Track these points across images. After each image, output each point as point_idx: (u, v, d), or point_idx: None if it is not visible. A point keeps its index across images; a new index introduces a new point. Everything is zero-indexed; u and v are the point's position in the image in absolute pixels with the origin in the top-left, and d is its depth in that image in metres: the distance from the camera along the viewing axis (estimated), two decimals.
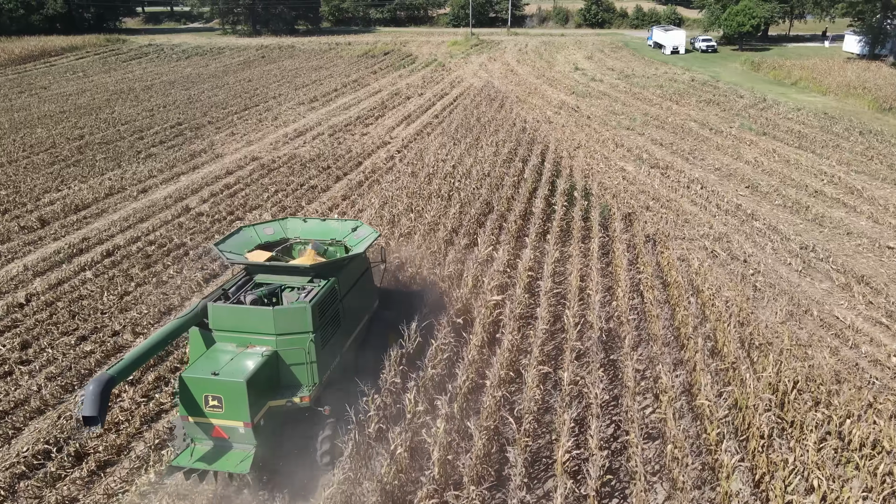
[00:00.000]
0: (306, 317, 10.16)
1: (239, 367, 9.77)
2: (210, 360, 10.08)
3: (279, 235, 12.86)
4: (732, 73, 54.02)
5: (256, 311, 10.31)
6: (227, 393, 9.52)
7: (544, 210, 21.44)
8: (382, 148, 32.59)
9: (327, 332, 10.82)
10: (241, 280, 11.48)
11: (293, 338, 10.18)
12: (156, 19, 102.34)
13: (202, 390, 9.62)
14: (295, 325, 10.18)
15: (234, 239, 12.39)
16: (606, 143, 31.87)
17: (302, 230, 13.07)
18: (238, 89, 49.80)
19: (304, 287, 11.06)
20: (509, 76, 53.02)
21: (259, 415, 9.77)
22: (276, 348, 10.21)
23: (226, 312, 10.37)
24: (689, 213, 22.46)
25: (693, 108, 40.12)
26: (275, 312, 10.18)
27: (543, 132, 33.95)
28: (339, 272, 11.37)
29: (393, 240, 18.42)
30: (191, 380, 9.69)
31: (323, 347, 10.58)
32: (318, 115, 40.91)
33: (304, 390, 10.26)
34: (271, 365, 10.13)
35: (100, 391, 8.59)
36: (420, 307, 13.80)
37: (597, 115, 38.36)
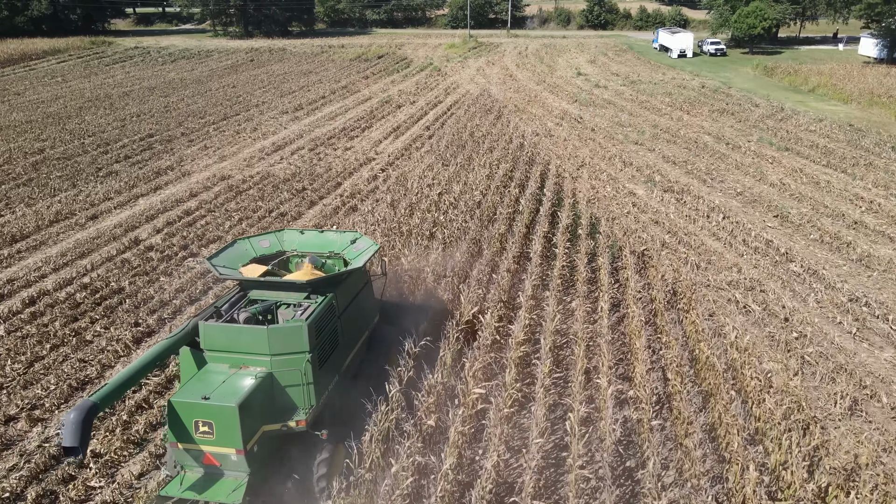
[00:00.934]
0: (302, 336, 9.59)
1: (231, 391, 9.13)
2: (201, 382, 9.46)
3: (275, 248, 12.25)
4: (744, 78, 50.62)
5: (250, 331, 9.68)
6: (219, 418, 8.91)
7: (543, 251, 18.10)
8: (366, 166, 29.30)
9: (325, 351, 10.23)
10: (235, 296, 10.77)
11: (288, 358, 9.61)
12: (147, 20, 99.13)
13: (192, 415, 9.01)
14: (290, 345, 9.60)
15: (227, 252, 11.67)
16: (613, 160, 28.56)
17: (299, 242, 12.45)
18: (220, 96, 46.56)
19: (301, 303, 10.48)
20: (508, 82, 49.69)
21: (252, 441, 9.17)
22: (271, 369, 9.62)
23: (218, 331, 9.80)
24: (712, 251, 19.14)
25: (706, 119, 36.78)
26: (269, 332, 9.55)
27: (544, 148, 30.64)
28: (337, 287, 10.76)
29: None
30: (180, 404, 9.06)
31: (320, 367, 10.00)
32: (301, 125, 37.65)
33: (300, 413, 9.65)
34: (265, 387, 9.51)
35: (81, 420, 8.02)
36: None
37: (602, 126, 35.03)
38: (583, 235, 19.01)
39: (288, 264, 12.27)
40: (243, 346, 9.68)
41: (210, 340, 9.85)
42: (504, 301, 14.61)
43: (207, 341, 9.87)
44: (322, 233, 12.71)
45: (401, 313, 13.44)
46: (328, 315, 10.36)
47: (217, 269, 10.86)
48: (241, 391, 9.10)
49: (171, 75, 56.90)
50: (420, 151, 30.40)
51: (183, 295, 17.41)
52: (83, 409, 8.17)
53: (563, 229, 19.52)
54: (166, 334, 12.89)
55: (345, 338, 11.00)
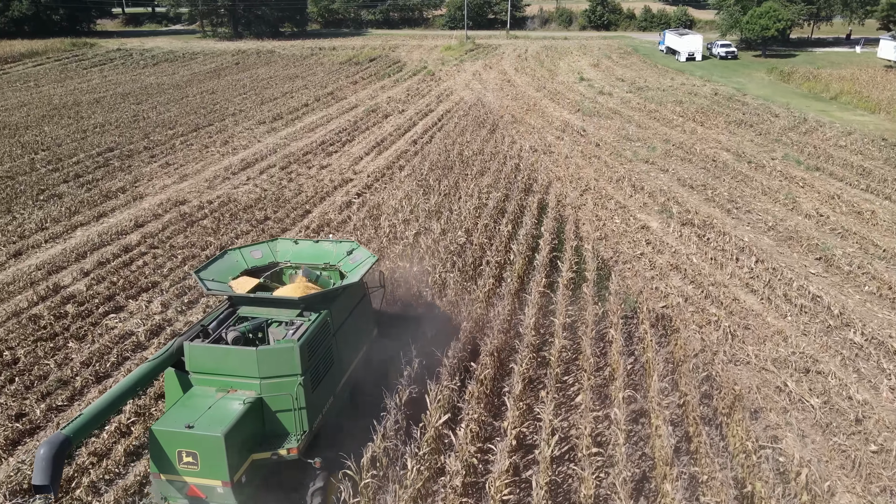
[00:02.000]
0: (294, 358, 8.88)
1: (217, 418, 8.36)
2: (185, 408, 8.74)
3: (268, 259, 11.64)
4: (759, 84, 46.83)
5: (238, 352, 9.00)
6: (203, 448, 8.15)
7: (537, 323, 14.31)
8: (341, 189, 25.62)
9: (318, 373, 9.53)
10: (223, 313, 10.08)
11: (279, 381, 8.91)
12: (136, 21, 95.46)
13: (175, 445, 8.28)
14: (281, 367, 8.89)
15: (217, 264, 11.00)
16: (621, 183, 24.86)
17: (293, 253, 11.77)
18: (196, 104, 42.92)
19: (293, 321, 9.77)
20: (505, 88, 45.96)
21: (240, 471, 8.42)
22: (261, 393, 8.91)
23: (204, 353, 9.12)
24: (747, 310, 15.46)
25: (722, 132, 33.04)
26: (258, 353, 8.86)
27: (543, 168, 26.93)
28: (332, 303, 10.08)
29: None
30: (162, 433, 8.33)
31: (313, 391, 9.31)
32: (277, 138, 34.00)
33: (291, 440, 8.94)
34: (255, 413, 8.79)
35: (52, 455, 7.28)
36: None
37: (607, 141, 31.32)
38: (589, 296, 15.17)
39: (281, 276, 11.49)
40: (231, 369, 8.99)
41: (196, 362, 9.15)
42: (484, 404, 10.91)
43: (193, 363, 9.17)
44: (317, 243, 11.98)
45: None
46: (322, 334, 9.65)
47: (204, 284, 10.10)
48: (227, 418, 8.39)
49: (149, 80, 53.28)
50: (402, 172, 26.70)
51: (88, 371, 13.79)
52: (54, 443, 7.46)
53: (565, 284, 15.71)
54: (53, 430, 11.20)
55: (340, 357, 10.27)
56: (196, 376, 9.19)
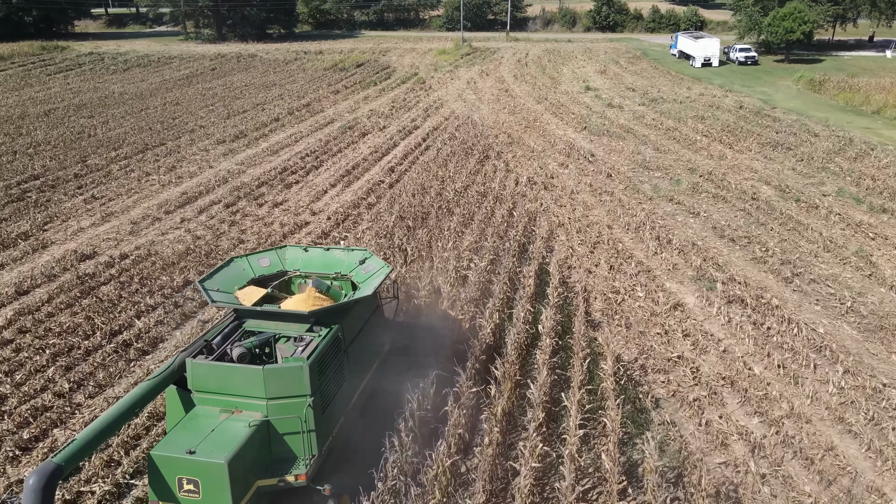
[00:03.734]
0: (302, 377, 8.17)
1: (220, 443, 7.76)
2: (187, 430, 8.07)
3: (276, 268, 10.70)
4: (787, 94, 41.27)
5: (243, 371, 8.27)
6: (205, 476, 7.58)
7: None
8: (292, 237, 20.26)
9: (329, 392, 8.72)
10: (228, 327, 9.24)
11: (287, 403, 8.19)
12: (120, 22, 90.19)
13: (175, 472, 7.71)
14: (289, 388, 8.18)
15: (222, 273, 10.13)
16: (642, 232, 19.46)
17: (302, 261, 10.86)
18: (154, 117, 37.64)
19: (302, 337, 8.90)
20: (502, 99, 40.52)
21: (244, 500, 7.83)
22: (267, 415, 8.19)
23: (207, 370, 8.37)
24: (848, 467, 10.10)
25: (756, 157, 27.59)
26: (265, 373, 8.14)
27: (543, 208, 21.59)
28: (343, 317, 9.22)
29: None
30: (162, 459, 7.75)
31: (323, 412, 8.49)
32: (234, 162, 28.71)
33: (299, 465, 8.22)
34: (261, 436, 8.10)
35: (42, 486, 6.68)
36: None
37: (620, 169, 25.91)
38: (612, 470, 9.64)
39: (290, 286, 10.68)
40: (236, 388, 8.26)
41: (198, 380, 8.40)
42: None
43: (196, 381, 8.41)
44: (328, 251, 11.14)
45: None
46: (333, 350, 8.86)
47: (209, 295, 9.30)
48: (231, 443, 7.70)
49: (113, 87, 48.02)
50: (371, 212, 21.37)
51: None
52: (44, 473, 6.77)
53: (572, 455, 10.12)
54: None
55: (352, 374, 9.44)
56: (198, 395, 8.52)
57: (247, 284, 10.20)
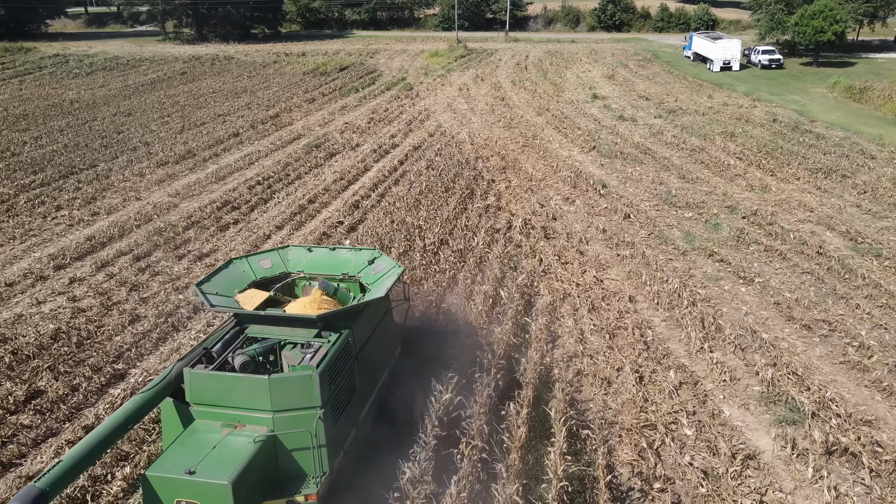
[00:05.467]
0: (312, 388, 7.36)
1: (223, 461, 6.93)
2: (185, 447, 7.24)
3: (278, 269, 9.96)
4: (824, 104, 35.68)
5: (247, 381, 7.44)
6: (207, 498, 6.74)
7: None
8: (196, 320, 14.86)
9: (339, 403, 7.92)
10: (229, 333, 8.41)
11: (295, 415, 7.38)
12: (100, 21, 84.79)
13: (173, 494, 6.87)
14: (297, 399, 7.37)
15: (221, 275, 9.37)
16: (677, 309, 13.92)
17: (307, 262, 10.11)
18: (97, 131, 32.29)
19: (310, 343, 8.10)
20: (497, 109, 35.02)
21: None
22: (274, 430, 7.37)
23: (207, 381, 7.56)
24: None
25: (806, 186, 22.10)
26: (271, 383, 7.34)
27: (543, 263, 16.16)
28: (354, 321, 8.47)
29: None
30: (158, 480, 6.89)
31: (334, 424, 7.72)
32: (168, 192, 23.34)
33: (309, 484, 7.35)
34: (267, 453, 7.26)
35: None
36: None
37: (641, 206, 20.44)
38: None
39: (293, 288, 9.94)
40: (239, 400, 7.45)
41: (198, 392, 7.58)
42: None
43: (194, 393, 7.59)
44: (334, 250, 10.33)
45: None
46: (343, 357, 8.12)
47: (208, 299, 8.44)
48: (235, 462, 6.91)
49: (68, 94, 42.67)
50: None
51: None
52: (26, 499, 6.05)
53: None
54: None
55: (363, 381, 8.70)
56: (198, 408, 7.62)
57: (247, 287, 9.45)
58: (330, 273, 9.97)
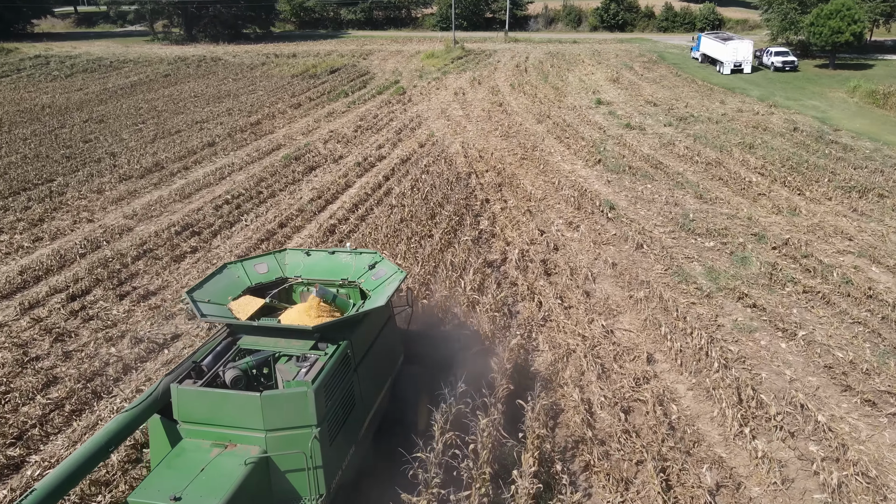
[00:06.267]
0: (307, 405, 6.82)
1: (211, 485, 6.33)
2: (172, 469, 6.62)
3: (275, 274, 9.33)
4: (845, 110, 33.02)
5: (237, 398, 6.89)
6: None
7: None
8: (134, 374, 12.27)
9: (337, 420, 7.34)
10: (221, 345, 7.82)
11: (290, 435, 6.83)
12: (89, 21, 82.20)
13: None
14: (292, 417, 6.83)
15: (214, 282, 8.64)
16: (706, 373, 11.33)
17: (304, 267, 9.50)
18: (64, 140, 29.79)
19: (306, 355, 7.55)
20: (495, 116, 32.41)
21: None
22: (267, 450, 6.84)
23: (195, 398, 6.98)
24: None
25: (841, 208, 19.45)
26: (263, 400, 6.77)
27: (543, 308, 13.57)
28: (353, 331, 7.91)
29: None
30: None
31: (331, 443, 7.14)
32: (125, 212, 20.78)
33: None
34: (259, 475, 6.69)
35: None
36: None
37: (655, 233, 17.83)
38: None
39: (291, 294, 9.35)
40: (230, 419, 6.88)
41: (185, 409, 7.00)
42: None
43: (182, 410, 7.01)
44: (333, 254, 9.63)
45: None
46: (341, 371, 7.54)
47: (198, 308, 7.80)
48: (225, 486, 6.31)
49: (42, 98, 40.15)
50: None
51: None
52: None
53: None
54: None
55: (363, 395, 8.11)
56: (186, 427, 7.05)
57: (242, 294, 8.75)
58: (329, 278, 9.34)
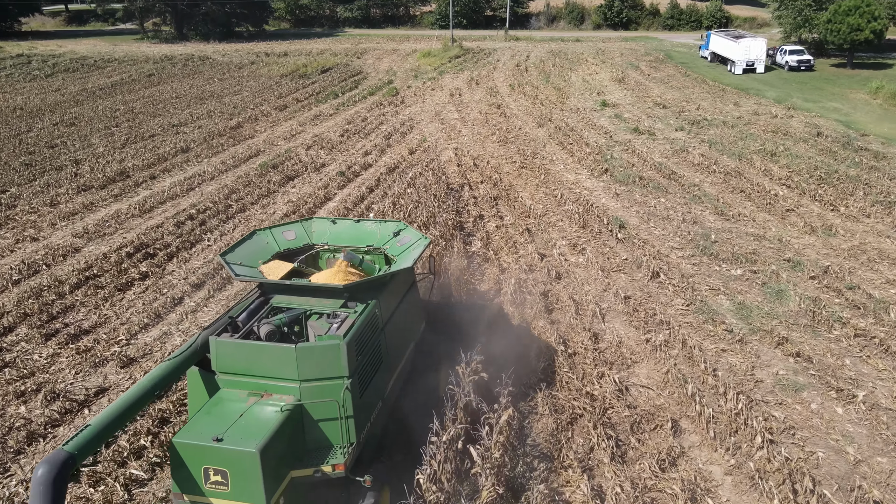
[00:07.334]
0: (339, 357, 6.96)
1: (250, 429, 6.52)
2: (212, 416, 6.81)
3: (302, 241, 9.56)
4: (869, 113, 30.59)
5: (274, 350, 7.05)
6: (235, 466, 6.36)
7: None
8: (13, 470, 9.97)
9: (366, 374, 7.52)
10: (254, 303, 8.02)
11: (323, 385, 6.98)
12: (80, 19, 79.94)
13: (201, 461, 6.47)
14: (324, 369, 6.99)
15: (244, 246, 8.91)
16: (747, 455, 9.02)
17: (331, 234, 9.73)
18: (28, 144, 27.56)
19: (336, 313, 7.78)
20: (492, 119, 30.03)
21: (278, 493, 6.53)
22: (301, 399, 6.94)
23: (233, 350, 7.16)
24: None
25: (884, 230, 17.00)
26: (298, 351, 6.92)
27: (546, 356, 11.25)
28: (381, 292, 8.09)
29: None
30: (185, 447, 6.49)
31: (361, 395, 7.30)
32: (76, 229, 18.48)
33: (336, 455, 6.96)
34: (294, 422, 6.85)
35: (52, 478, 5.38)
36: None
37: (671, 258, 15.45)
38: None
39: (317, 260, 9.53)
40: (266, 369, 7.08)
41: (223, 361, 7.21)
42: None
43: (220, 362, 7.22)
44: (358, 223, 9.91)
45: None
46: (370, 328, 7.72)
47: (232, 269, 8.02)
48: (262, 430, 6.48)
49: (16, 100, 37.94)
50: None
51: None
52: (55, 463, 5.49)
53: None
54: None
55: (389, 354, 8.30)
56: (224, 377, 7.26)
57: (271, 259, 8.89)
58: (355, 245, 9.54)
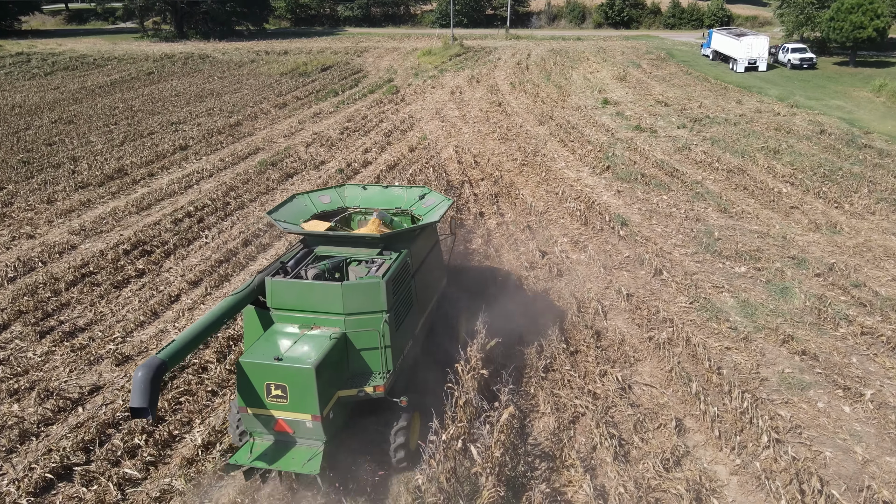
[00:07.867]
0: (380, 293, 8.17)
1: (305, 352, 7.76)
2: (270, 343, 8.02)
3: (336, 204, 10.97)
4: (873, 111, 30.34)
5: (322, 287, 8.21)
6: (293, 381, 7.54)
7: None
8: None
9: (400, 312, 8.71)
10: (300, 252, 9.35)
11: (364, 318, 8.17)
12: (80, 18, 79.78)
13: (263, 378, 7.62)
14: (366, 304, 8.16)
15: (287, 207, 10.35)
16: (754, 459, 8.81)
17: (362, 198, 11.16)
18: (27, 142, 27.44)
19: (373, 260, 9.04)
20: (493, 117, 29.81)
21: (328, 407, 7.75)
22: (346, 330, 8.16)
23: (286, 288, 8.33)
24: None
25: (890, 227, 16.76)
26: (344, 288, 8.09)
27: (546, 354, 11.06)
28: (411, 243, 9.41)
29: None
30: (250, 365, 7.65)
31: (397, 329, 8.51)
32: (72, 227, 18.32)
33: (377, 378, 8.19)
34: (340, 349, 8.07)
35: (150, 378, 6.71)
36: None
37: (674, 255, 15.24)
38: None
39: (350, 222, 10.92)
40: (315, 305, 8.24)
41: (278, 298, 8.36)
42: None
43: (275, 299, 8.37)
44: (387, 188, 11.32)
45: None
46: (404, 272, 8.92)
47: (280, 224, 9.57)
48: (316, 352, 7.71)
49: (15, 98, 37.76)
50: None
51: None
52: (151, 367, 6.79)
53: None
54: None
55: (418, 299, 9.44)
56: (278, 313, 8.39)
57: (310, 219, 10.28)
58: (384, 207, 10.63)
